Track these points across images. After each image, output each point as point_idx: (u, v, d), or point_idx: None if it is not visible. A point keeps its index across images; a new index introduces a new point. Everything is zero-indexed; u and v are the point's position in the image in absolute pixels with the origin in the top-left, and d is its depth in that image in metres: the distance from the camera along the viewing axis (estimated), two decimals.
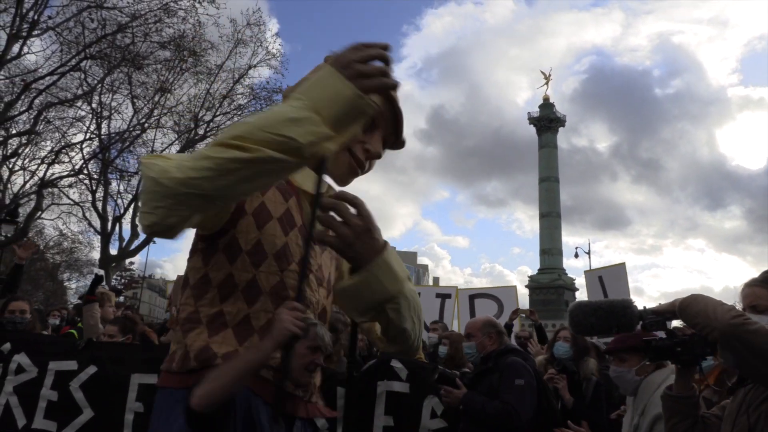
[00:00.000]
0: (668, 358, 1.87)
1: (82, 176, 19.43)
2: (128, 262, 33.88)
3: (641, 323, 1.82)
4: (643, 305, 1.85)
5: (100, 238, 19.68)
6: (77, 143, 19.19)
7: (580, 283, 44.55)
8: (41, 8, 15.58)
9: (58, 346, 3.50)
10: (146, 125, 19.40)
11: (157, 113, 19.39)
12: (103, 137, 19.19)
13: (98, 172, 19.66)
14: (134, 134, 19.37)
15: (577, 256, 41.17)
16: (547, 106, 53.17)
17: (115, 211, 20.40)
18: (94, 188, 19.60)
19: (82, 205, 21.02)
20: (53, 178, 19.37)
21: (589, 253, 39.98)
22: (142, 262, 76.74)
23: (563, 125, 53.52)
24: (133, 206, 19.93)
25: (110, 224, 19.73)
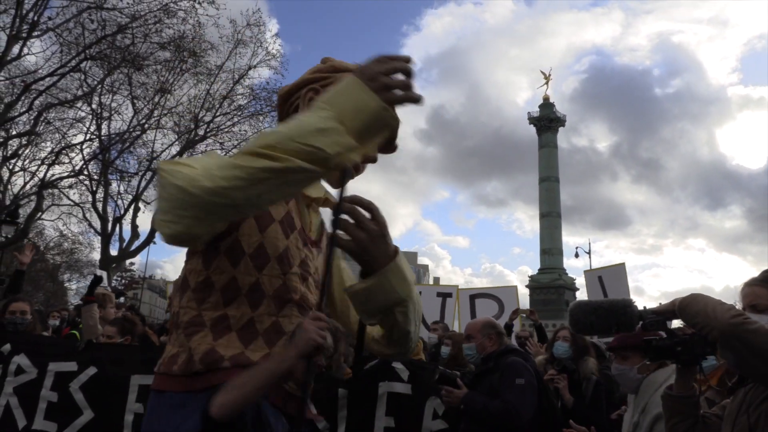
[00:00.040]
0: (668, 357, 1.86)
1: (82, 177, 19.45)
2: (128, 262, 33.93)
3: (641, 323, 1.82)
4: (643, 305, 1.85)
5: (100, 238, 19.70)
6: (77, 144, 19.21)
7: (580, 283, 44.49)
8: (41, 9, 15.62)
9: (58, 347, 3.51)
10: (146, 126, 19.42)
11: (157, 114, 19.41)
12: (103, 138, 19.21)
13: (98, 172, 19.68)
14: (134, 135, 19.38)
15: (577, 256, 41.18)
16: (547, 106, 53.19)
17: (115, 211, 20.43)
18: (94, 189, 19.62)
19: (82, 205, 21.04)
20: (53, 179, 19.39)
21: (589, 253, 39.97)
22: (142, 262, 76.99)
23: (563, 125, 53.55)
24: (133, 207, 19.98)
25: (110, 225, 19.75)
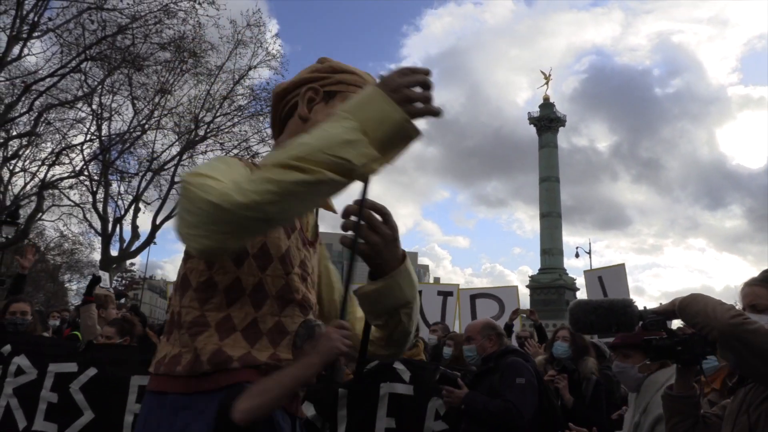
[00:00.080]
0: (668, 357, 1.86)
1: (82, 178, 19.42)
2: (129, 263, 33.90)
3: (641, 323, 1.82)
4: (643, 305, 1.85)
5: (100, 239, 19.69)
6: (78, 145, 19.19)
7: (581, 283, 44.41)
8: (41, 10, 15.62)
9: (58, 348, 3.51)
10: (146, 126, 19.40)
11: (157, 114, 19.39)
12: (103, 138, 19.20)
13: (99, 173, 19.66)
14: (134, 135, 19.37)
15: (577, 255, 41.23)
16: (547, 105, 53.18)
17: (115, 212, 20.41)
18: (94, 189, 19.60)
19: (82, 206, 21.01)
20: (54, 179, 19.38)
21: (589, 252, 39.99)
22: (142, 263, 76.84)
23: (563, 125, 53.54)
24: (133, 207, 19.97)
25: (111, 225, 19.74)
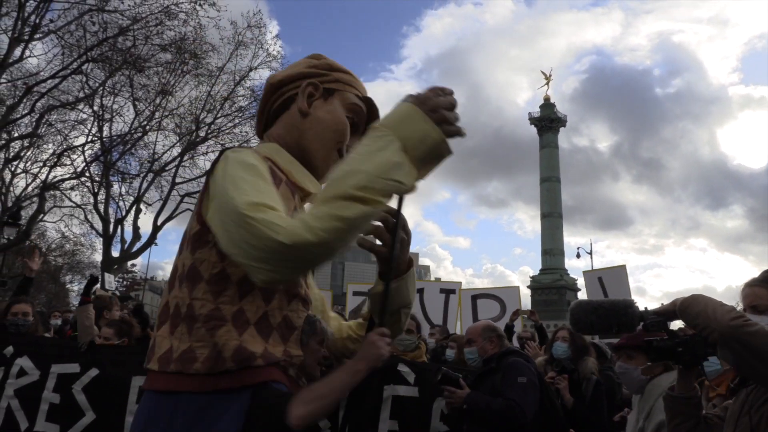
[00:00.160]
0: (669, 358, 1.86)
1: (83, 179, 19.48)
2: (130, 264, 34.02)
3: (642, 324, 1.82)
4: (645, 305, 1.85)
5: (102, 240, 19.71)
6: (79, 146, 19.25)
7: (582, 283, 44.24)
8: (43, 12, 15.64)
9: (60, 349, 3.50)
10: (147, 128, 19.46)
11: (158, 116, 19.45)
12: (104, 140, 19.25)
13: (100, 174, 19.70)
14: (136, 137, 19.41)
15: (579, 256, 41.23)
16: (547, 106, 53.06)
17: (116, 213, 20.47)
18: (95, 191, 19.64)
19: (84, 207, 21.08)
20: (55, 180, 19.42)
21: (590, 253, 39.90)
22: (144, 264, 76.93)
23: (564, 125, 53.40)
24: (134, 208, 20.00)
25: (112, 226, 19.77)
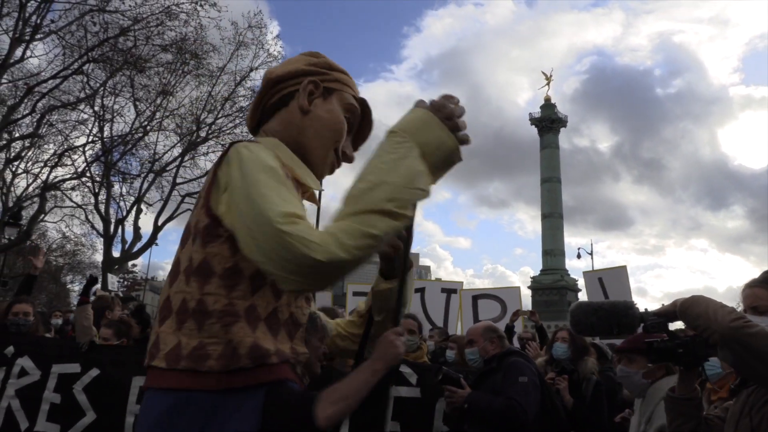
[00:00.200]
0: (669, 359, 1.86)
1: (84, 179, 19.51)
2: (131, 264, 34.03)
3: (642, 325, 1.82)
4: (645, 306, 1.85)
5: (102, 240, 19.74)
6: (80, 146, 19.31)
7: (582, 284, 44.33)
8: (44, 12, 15.67)
9: (61, 349, 3.51)
10: (148, 128, 19.49)
11: (159, 116, 19.48)
12: (105, 140, 19.28)
13: (101, 174, 19.73)
14: (136, 137, 19.44)
15: (579, 256, 41.21)
16: (548, 106, 53.00)
17: (117, 213, 20.51)
18: (96, 191, 19.68)
19: (84, 207, 21.11)
20: (56, 181, 19.46)
21: (591, 253, 39.93)
22: (144, 264, 76.85)
23: (565, 126, 53.33)
24: (135, 209, 20.01)
25: (113, 227, 19.79)
